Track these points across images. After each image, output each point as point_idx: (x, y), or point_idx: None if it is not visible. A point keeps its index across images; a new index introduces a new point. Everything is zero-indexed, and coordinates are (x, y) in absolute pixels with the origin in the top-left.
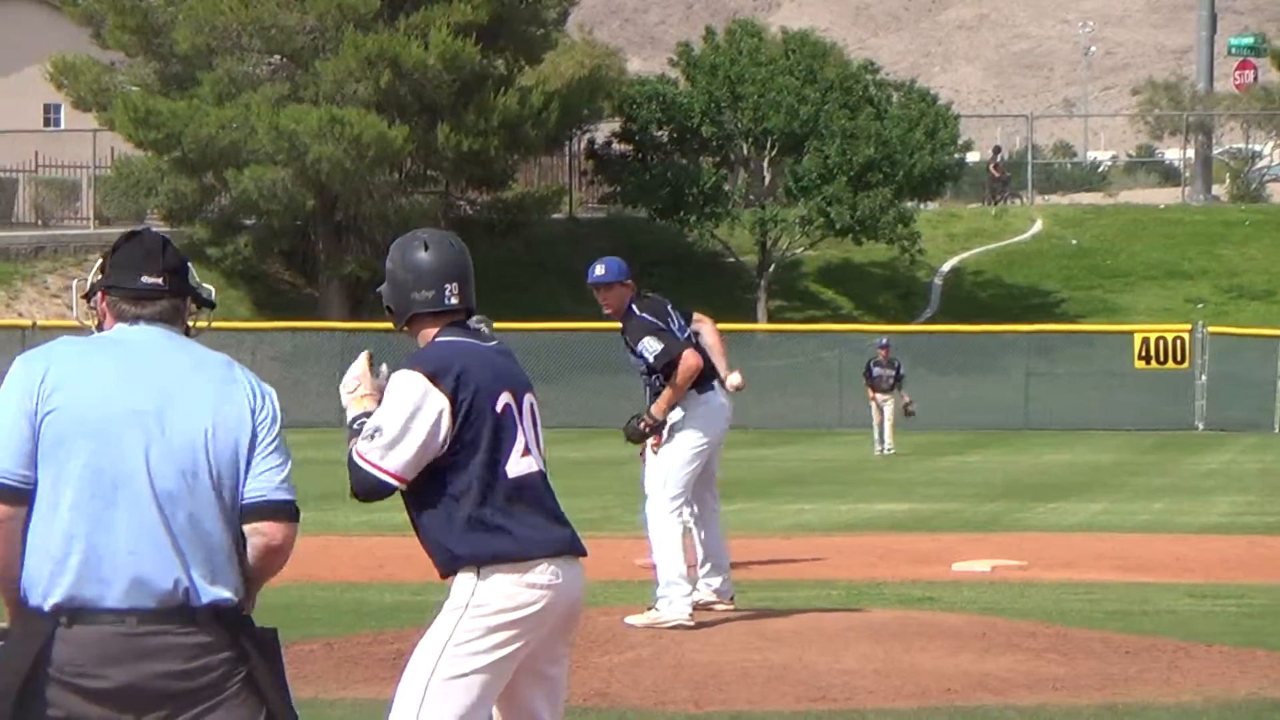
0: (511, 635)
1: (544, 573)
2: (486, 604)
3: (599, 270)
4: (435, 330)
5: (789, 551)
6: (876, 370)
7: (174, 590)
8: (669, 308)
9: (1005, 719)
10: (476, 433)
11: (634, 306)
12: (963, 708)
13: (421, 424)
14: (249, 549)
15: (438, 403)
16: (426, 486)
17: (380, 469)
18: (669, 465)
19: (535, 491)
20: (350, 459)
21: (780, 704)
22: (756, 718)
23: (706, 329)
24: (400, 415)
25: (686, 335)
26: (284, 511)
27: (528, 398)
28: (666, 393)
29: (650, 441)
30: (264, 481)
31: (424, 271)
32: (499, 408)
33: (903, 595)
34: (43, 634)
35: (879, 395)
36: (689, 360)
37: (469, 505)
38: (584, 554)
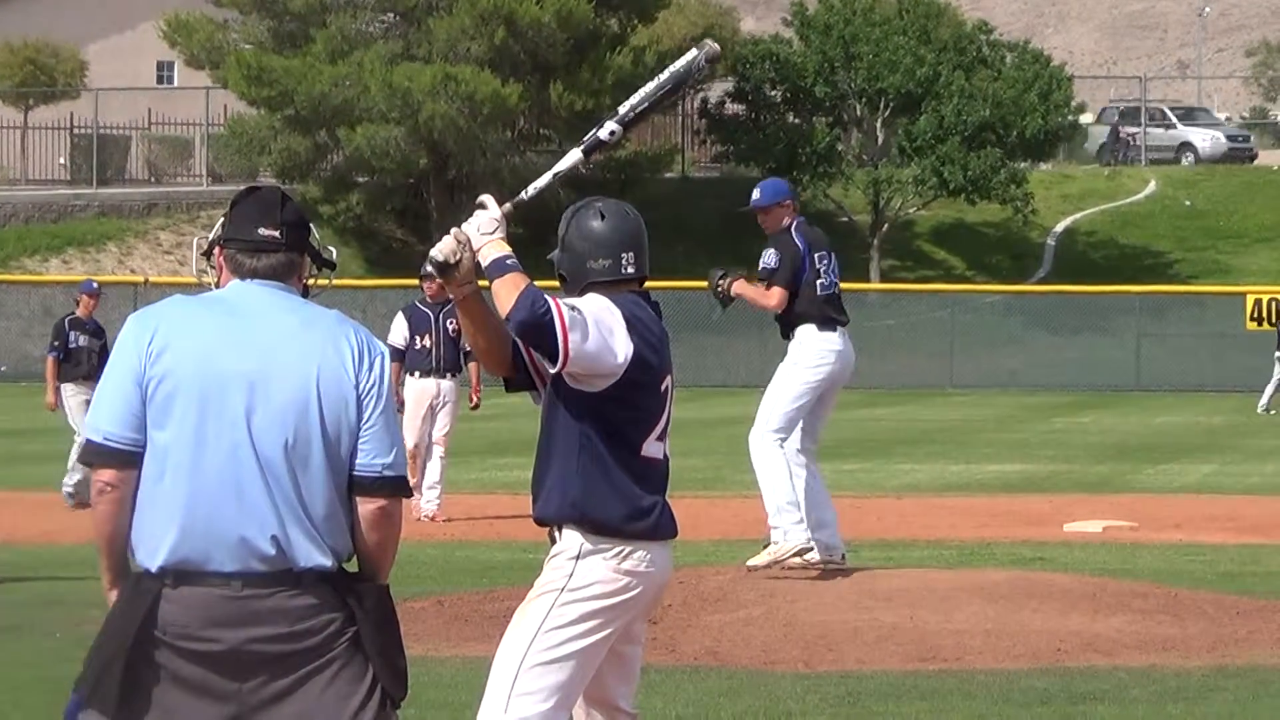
0: (604, 620)
1: (640, 560)
2: (582, 588)
3: (755, 195)
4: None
5: (900, 511)
6: None
7: (278, 554)
8: (828, 250)
9: (1116, 679)
10: (635, 397)
11: (791, 227)
12: (1073, 668)
13: (605, 343)
14: (360, 521)
15: (625, 344)
16: (569, 422)
17: (564, 330)
18: (777, 397)
19: (657, 476)
20: (541, 294)
21: (890, 663)
22: (866, 677)
23: None
24: (598, 319)
25: (821, 278)
26: (393, 487)
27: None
28: (754, 291)
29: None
30: (373, 455)
31: (600, 240)
32: (663, 387)
33: (1014, 556)
34: (149, 595)
35: None
36: (772, 299)
37: (595, 455)
38: (676, 535)
